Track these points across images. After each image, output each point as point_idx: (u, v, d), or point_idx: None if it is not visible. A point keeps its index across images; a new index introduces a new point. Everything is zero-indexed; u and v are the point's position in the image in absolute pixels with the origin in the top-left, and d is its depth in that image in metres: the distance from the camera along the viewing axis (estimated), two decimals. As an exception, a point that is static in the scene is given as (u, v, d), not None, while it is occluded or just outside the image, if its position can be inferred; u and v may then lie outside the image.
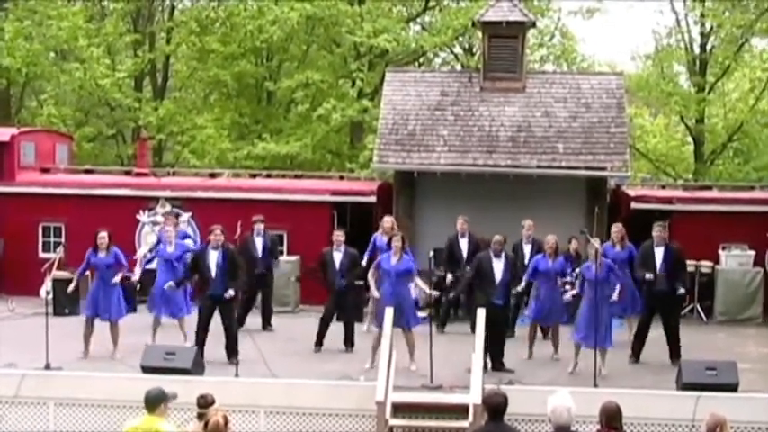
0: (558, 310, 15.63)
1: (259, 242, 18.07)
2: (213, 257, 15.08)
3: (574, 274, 15.92)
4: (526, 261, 16.59)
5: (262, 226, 18.16)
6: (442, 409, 12.88)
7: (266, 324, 18.09)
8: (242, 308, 16.83)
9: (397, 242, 14.91)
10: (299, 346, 16.36)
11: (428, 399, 13.09)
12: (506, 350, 14.94)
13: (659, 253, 15.51)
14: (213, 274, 15.02)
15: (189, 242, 16.63)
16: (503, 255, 14.89)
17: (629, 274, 16.26)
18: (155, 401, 9.00)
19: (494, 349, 14.58)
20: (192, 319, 15.79)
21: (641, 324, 15.65)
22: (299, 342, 16.52)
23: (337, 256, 16.25)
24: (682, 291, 15.62)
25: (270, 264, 18.23)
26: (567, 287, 15.59)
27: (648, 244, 15.74)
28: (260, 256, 17.98)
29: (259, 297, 18.25)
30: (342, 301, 16.25)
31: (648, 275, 15.38)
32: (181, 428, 10.31)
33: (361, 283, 16.78)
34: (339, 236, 16.48)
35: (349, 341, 16.28)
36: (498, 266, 14.78)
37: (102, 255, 15.60)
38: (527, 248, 17.28)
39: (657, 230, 15.70)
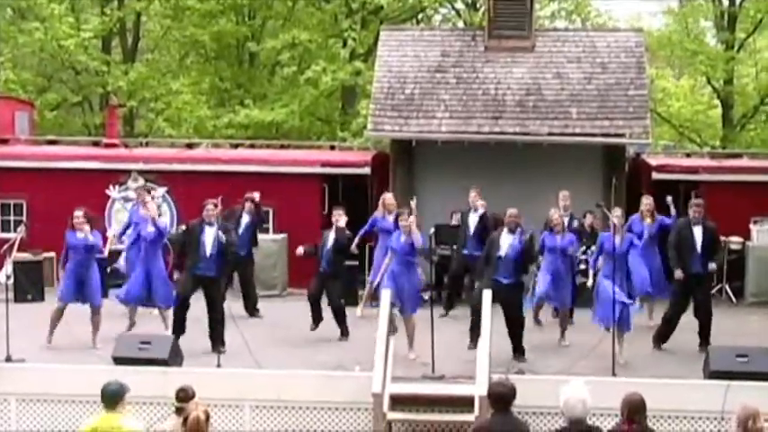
0: (563, 290, 15.68)
1: (246, 220, 18.07)
2: (210, 234, 15.09)
3: (588, 253, 15.96)
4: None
5: (252, 206, 18.17)
6: (444, 402, 12.90)
7: (253, 310, 18.10)
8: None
9: (404, 221, 14.91)
10: (288, 333, 16.38)
11: (429, 390, 13.10)
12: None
13: (698, 233, 15.41)
14: (208, 252, 15.02)
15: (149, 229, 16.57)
16: (517, 231, 14.81)
17: (658, 252, 16.31)
18: (114, 397, 8.97)
19: (511, 334, 14.67)
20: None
21: (675, 309, 15.57)
22: (288, 329, 16.53)
23: (330, 236, 16.23)
24: (713, 266, 15.58)
25: (251, 244, 18.22)
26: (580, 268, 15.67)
27: (685, 223, 15.66)
28: (245, 235, 17.94)
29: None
30: (328, 286, 16.25)
31: (678, 274, 15.32)
32: (156, 425, 10.32)
33: (356, 263, 16.78)
34: (339, 215, 16.44)
35: (344, 331, 16.29)
36: (506, 242, 14.72)
37: (80, 236, 15.51)
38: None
39: (695, 208, 15.61)
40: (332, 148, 24.83)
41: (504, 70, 21.23)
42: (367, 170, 21.47)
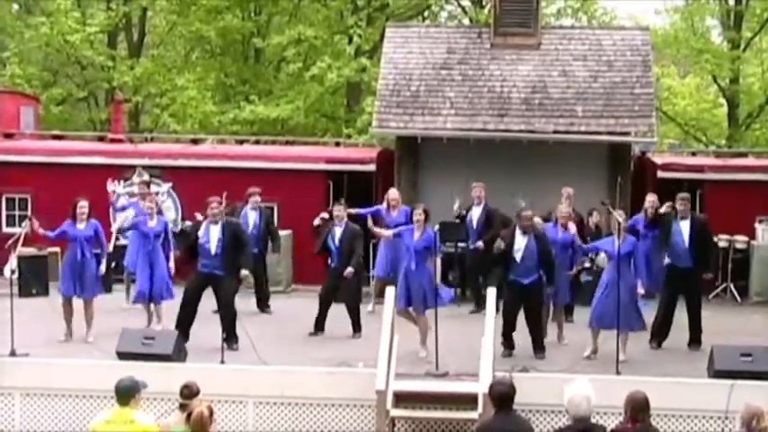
0: (561, 286, 15.66)
1: (253, 216, 18.01)
2: (214, 233, 15.08)
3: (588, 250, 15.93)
4: None
5: (258, 198, 18.12)
6: (448, 399, 12.89)
7: (264, 306, 18.07)
8: None
9: (419, 216, 14.84)
10: (292, 329, 16.37)
11: (433, 387, 13.09)
12: (516, 333, 14.91)
13: (685, 227, 15.43)
14: (213, 251, 15.02)
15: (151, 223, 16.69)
16: (531, 234, 14.60)
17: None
18: (126, 393, 8.99)
19: (533, 331, 14.75)
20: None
21: (665, 304, 15.58)
22: (292, 325, 16.53)
23: (338, 232, 16.23)
24: (709, 276, 15.55)
25: (265, 241, 18.20)
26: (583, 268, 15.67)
27: (669, 217, 15.59)
28: (255, 232, 17.90)
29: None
30: (342, 283, 16.23)
31: (667, 260, 15.40)
32: (160, 420, 10.32)
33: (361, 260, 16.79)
34: (340, 210, 16.42)
35: (356, 326, 16.24)
36: (520, 244, 14.58)
37: (80, 226, 15.56)
38: None
39: (682, 203, 15.59)
40: (337, 144, 24.86)
41: (509, 68, 21.21)
42: (372, 167, 21.45)
